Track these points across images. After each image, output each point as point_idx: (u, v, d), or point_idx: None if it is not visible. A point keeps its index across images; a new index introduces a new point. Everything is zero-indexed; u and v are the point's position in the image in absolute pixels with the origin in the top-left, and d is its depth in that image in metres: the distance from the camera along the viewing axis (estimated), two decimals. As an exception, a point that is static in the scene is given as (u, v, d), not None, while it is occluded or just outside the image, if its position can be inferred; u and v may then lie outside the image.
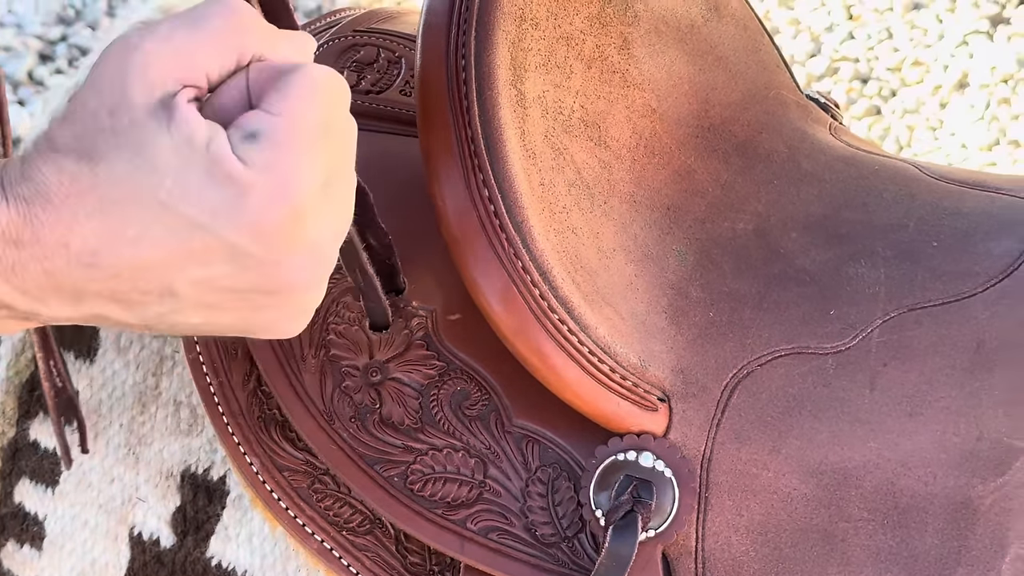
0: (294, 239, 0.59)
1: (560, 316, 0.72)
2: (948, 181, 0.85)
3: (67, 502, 0.85)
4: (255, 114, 0.58)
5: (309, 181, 0.58)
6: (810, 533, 0.72)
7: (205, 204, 0.58)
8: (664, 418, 0.74)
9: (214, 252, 0.58)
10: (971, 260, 0.78)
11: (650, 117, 0.82)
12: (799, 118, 0.90)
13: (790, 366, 0.75)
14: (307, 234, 0.60)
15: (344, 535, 0.77)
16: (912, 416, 0.73)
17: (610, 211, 0.77)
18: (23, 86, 2.40)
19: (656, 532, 0.72)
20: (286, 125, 0.58)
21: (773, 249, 0.80)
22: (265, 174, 0.57)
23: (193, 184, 0.57)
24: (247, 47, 0.60)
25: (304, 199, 0.58)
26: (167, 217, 0.57)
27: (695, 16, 0.87)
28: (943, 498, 0.71)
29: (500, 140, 0.72)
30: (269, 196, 0.58)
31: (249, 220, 0.58)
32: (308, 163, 0.58)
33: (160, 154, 0.57)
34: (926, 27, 2.61)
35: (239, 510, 0.81)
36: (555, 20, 0.77)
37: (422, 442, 0.76)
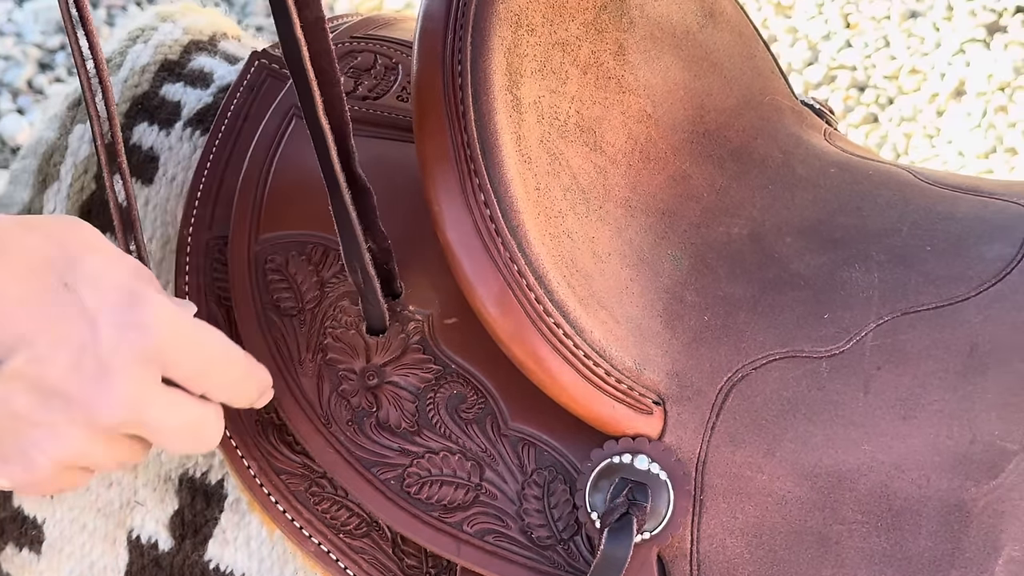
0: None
1: (556, 320, 0.72)
2: (941, 186, 0.85)
3: (66, 506, 0.85)
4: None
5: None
6: (804, 535, 0.73)
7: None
8: (659, 421, 0.74)
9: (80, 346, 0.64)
10: (964, 264, 0.78)
11: (645, 122, 0.82)
12: (794, 124, 0.91)
13: (784, 369, 0.75)
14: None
15: (341, 538, 0.77)
16: (906, 419, 0.73)
17: (606, 216, 0.78)
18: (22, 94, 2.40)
19: (651, 534, 0.73)
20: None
21: (768, 253, 0.80)
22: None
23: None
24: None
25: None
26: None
27: (690, 23, 0.88)
28: (936, 501, 0.72)
29: (496, 145, 0.73)
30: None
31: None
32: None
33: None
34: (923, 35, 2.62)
35: (237, 514, 0.82)
36: (551, 26, 0.78)
37: (419, 445, 0.76)
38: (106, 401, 0.65)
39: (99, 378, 0.65)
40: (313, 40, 0.71)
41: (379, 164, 0.81)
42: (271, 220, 0.82)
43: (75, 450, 0.66)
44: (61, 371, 0.64)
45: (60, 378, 0.64)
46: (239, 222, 0.82)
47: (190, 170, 0.86)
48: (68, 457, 0.67)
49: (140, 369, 0.66)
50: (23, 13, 2.53)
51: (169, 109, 0.89)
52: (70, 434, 0.66)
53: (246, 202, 0.83)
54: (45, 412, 0.65)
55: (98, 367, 0.65)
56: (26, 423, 0.65)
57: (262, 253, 0.81)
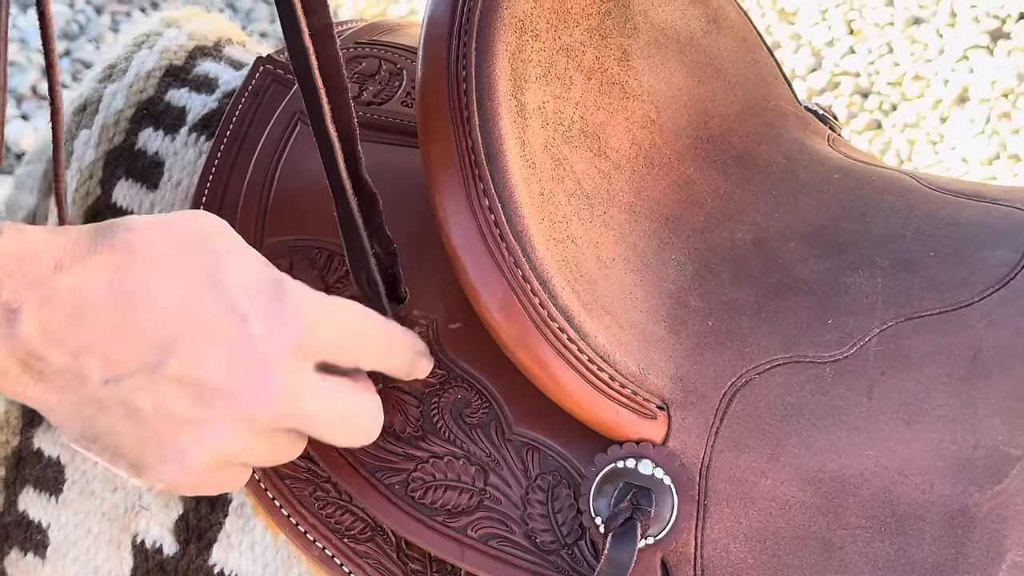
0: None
1: (560, 325, 0.72)
2: (945, 192, 0.85)
3: (70, 510, 0.85)
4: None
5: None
6: (808, 540, 0.73)
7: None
8: (663, 426, 0.74)
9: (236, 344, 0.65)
10: (968, 270, 0.78)
11: (649, 128, 0.82)
12: (797, 129, 0.91)
13: (788, 375, 0.75)
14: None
15: (345, 542, 0.77)
16: (909, 424, 0.73)
17: (610, 221, 0.78)
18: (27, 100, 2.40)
19: (655, 539, 0.73)
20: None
21: (771, 259, 0.80)
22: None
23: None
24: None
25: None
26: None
27: (694, 28, 0.88)
28: (940, 506, 0.72)
29: (500, 150, 0.73)
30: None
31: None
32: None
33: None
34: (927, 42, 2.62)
35: (241, 518, 0.82)
36: (555, 32, 0.78)
37: (423, 450, 0.76)
38: (265, 396, 0.66)
39: (255, 374, 0.66)
40: (321, 47, 0.72)
41: (384, 169, 0.81)
42: (276, 225, 0.82)
43: (233, 446, 0.67)
44: (217, 371, 0.65)
45: (217, 378, 0.65)
46: (244, 227, 0.82)
47: (195, 175, 0.86)
48: (226, 453, 0.67)
49: (293, 360, 0.67)
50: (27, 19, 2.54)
51: (174, 114, 0.90)
52: (228, 431, 0.67)
53: (251, 207, 0.83)
54: (201, 410, 0.66)
55: (253, 363, 0.66)
56: (182, 422, 0.66)
57: (267, 257, 0.81)
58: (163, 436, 0.66)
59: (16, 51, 2.47)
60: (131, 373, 0.64)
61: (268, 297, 0.67)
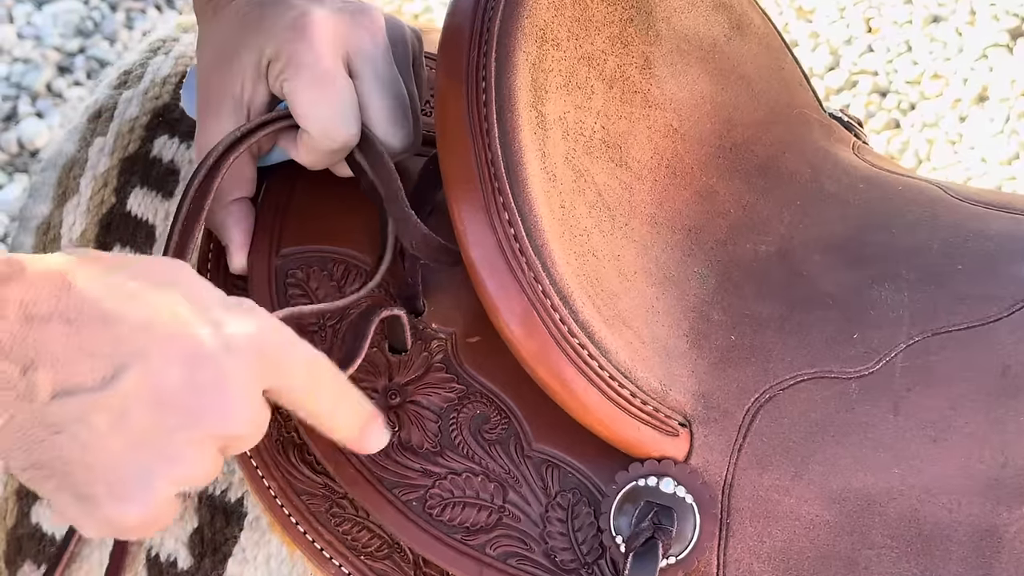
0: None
1: (580, 340, 0.71)
2: (972, 203, 0.84)
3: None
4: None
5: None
6: (833, 560, 0.71)
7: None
8: (685, 443, 0.73)
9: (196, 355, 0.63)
10: (996, 284, 0.77)
11: (672, 137, 0.81)
12: (822, 137, 0.89)
13: (813, 391, 0.74)
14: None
15: (362, 560, 0.76)
16: (936, 442, 0.72)
17: (631, 233, 0.76)
18: (41, 98, 2.40)
19: (677, 559, 0.72)
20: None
21: (795, 271, 0.79)
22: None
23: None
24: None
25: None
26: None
27: (717, 35, 0.86)
28: (967, 526, 0.71)
29: (520, 163, 0.72)
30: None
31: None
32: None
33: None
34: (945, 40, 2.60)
35: (257, 532, 0.81)
36: (576, 40, 0.77)
37: (441, 466, 0.75)
38: (225, 412, 0.63)
39: (216, 386, 0.63)
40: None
41: (402, 179, 0.80)
42: (293, 234, 0.81)
43: (194, 471, 0.64)
44: (177, 381, 0.62)
45: (177, 389, 0.62)
46: (260, 236, 0.81)
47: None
48: (186, 480, 0.64)
49: (252, 374, 0.64)
50: (42, 16, 2.53)
51: (190, 121, 0.89)
52: (189, 453, 0.63)
53: (268, 216, 0.82)
54: (165, 429, 0.62)
55: (214, 375, 0.63)
56: (140, 443, 0.62)
57: (283, 267, 0.80)
58: (119, 463, 0.62)
59: (31, 48, 2.46)
60: (83, 387, 0.60)
61: (230, 313, 0.65)
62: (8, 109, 2.37)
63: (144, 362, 0.61)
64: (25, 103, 2.38)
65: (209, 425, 0.63)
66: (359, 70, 0.78)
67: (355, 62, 0.78)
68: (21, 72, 2.43)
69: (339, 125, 0.77)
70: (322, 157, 0.79)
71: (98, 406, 0.61)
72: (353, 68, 0.78)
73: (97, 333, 0.61)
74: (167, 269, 0.65)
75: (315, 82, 0.76)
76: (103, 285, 0.62)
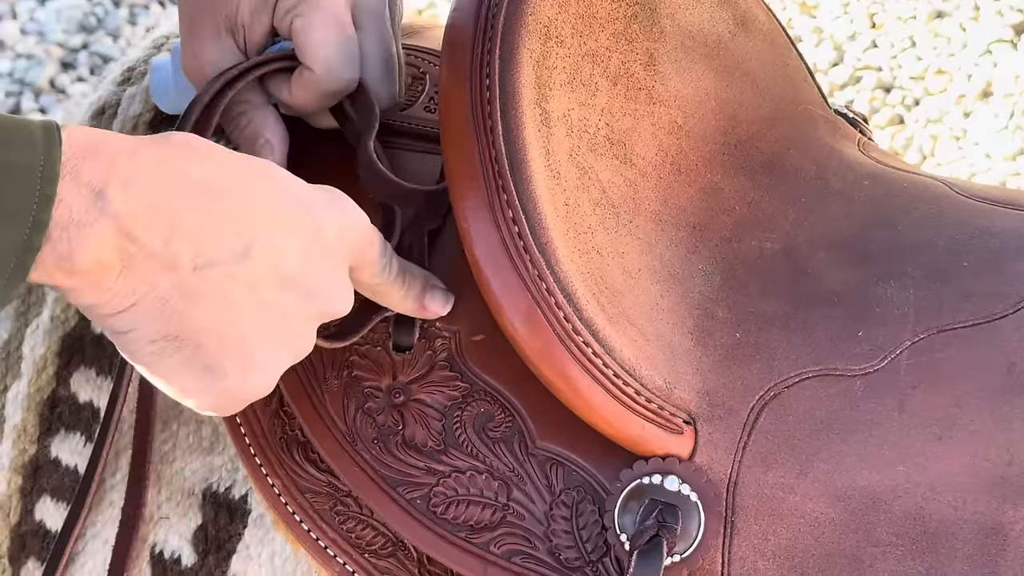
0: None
1: (584, 338, 0.71)
2: (978, 199, 0.84)
3: (88, 520, 0.84)
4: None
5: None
6: (837, 558, 0.71)
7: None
8: (690, 441, 0.73)
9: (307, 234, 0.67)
10: (1001, 281, 0.77)
11: (676, 134, 0.81)
12: (827, 134, 0.89)
13: (817, 388, 0.74)
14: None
15: (366, 557, 0.76)
16: (941, 440, 0.72)
17: (635, 230, 0.76)
18: (44, 94, 2.40)
19: (681, 557, 0.71)
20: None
21: (800, 269, 0.79)
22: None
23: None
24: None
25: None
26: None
27: (722, 31, 0.86)
28: (973, 523, 0.70)
29: (524, 160, 0.71)
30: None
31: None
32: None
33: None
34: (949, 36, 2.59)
35: (261, 529, 0.81)
36: (580, 37, 0.77)
37: (445, 464, 0.75)
38: (332, 292, 0.68)
39: (325, 267, 0.68)
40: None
41: (406, 176, 0.80)
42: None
43: (304, 344, 0.69)
44: (296, 261, 0.66)
45: (296, 268, 0.66)
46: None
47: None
48: (299, 353, 0.69)
49: (344, 259, 0.69)
50: (45, 12, 2.53)
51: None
52: (302, 328, 0.68)
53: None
54: (287, 305, 0.66)
55: (323, 257, 0.67)
56: (271, 319, 0.66)
57: None
58: (250, 334, 0.65)
59: (34, 44, 2.46)
60: (222, 259, 0.63)
61: (325, 194, 0.69)
62: (11, 105, 2.37)
63: (270, 243, 0.65)
64: (28, 99, 2.38)
65: (319, 303, 0.68)
66: (363, 23, 0.81)
67: (360, 15, 0.81)
68: (24, 68, 2.43)
69: (344, 67, 0.79)
70: (317, 99, 0.81)
71: (235, 278, 0.64)
72: (358, 20, 0.81)
73: (228, 211, 0.64)
74: (265, 165, 0.68)
75: (328, 23, 0.78)
76: (220, 164, 0.65)
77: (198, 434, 0.83)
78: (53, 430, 0.87)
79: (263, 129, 0.81)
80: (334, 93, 0.80)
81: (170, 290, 0.63)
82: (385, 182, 0.78)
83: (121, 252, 0.61)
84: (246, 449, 0.78)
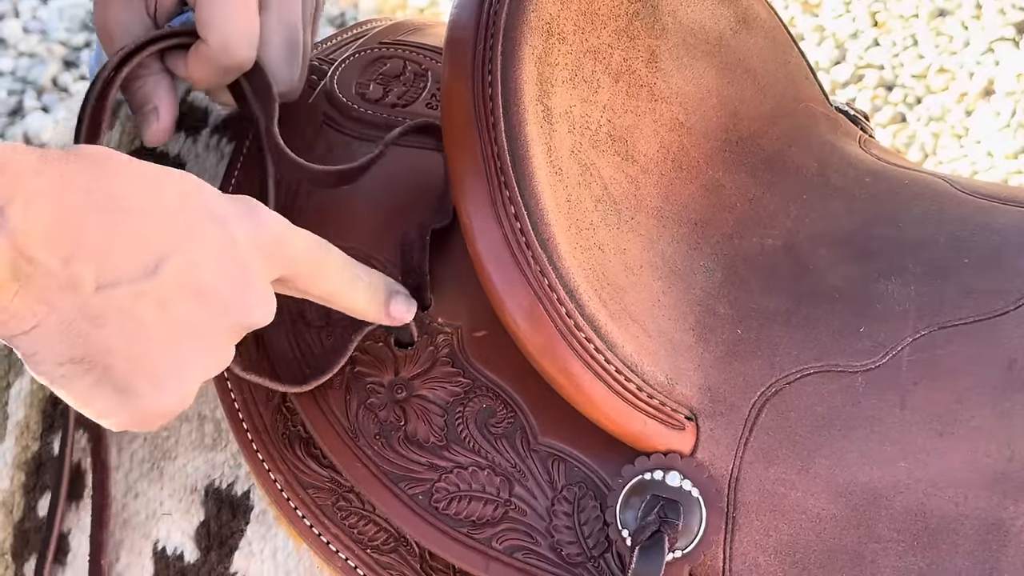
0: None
1: (587, 334, 0.71)
2: (979, 196, 0.84)
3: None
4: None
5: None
6: (839, 554, 0.71)
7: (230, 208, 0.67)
8: (691, 437, 0.73)
9: (220, 247, 0.65)
10: (1002, 278, 0.77)
11: (678, 131, 0.81)
12: (828, 131, 0.89)
13: (819, 384, 0.74)
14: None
15: (368, 553, 0.76)
16: (943, 436, 0.72)
17: (637, 227, 0.76)
18: (47, 92, 2.40)
19: (683, 553, 0.72)
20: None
21: (802, 265, 0.79)
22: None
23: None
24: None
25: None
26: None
27: (723, 29, 0.86)
28: (974, 519, 0.71)
29: (526, 156, 0.72)
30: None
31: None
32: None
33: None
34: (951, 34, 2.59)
35: (263, 525, 0.81)
36: (582, 34, 0.77)
37: (447, 460, 0.75)
38: (250, 302, 0.66)
39: (241, 278, 0.65)
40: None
41: (408, 173, 0.80)
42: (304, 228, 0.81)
43: (221, 359, 0.67)
44: (211, 274, 0.64)
45: (209, 281, 0.64)
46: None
47: (217, 179, 0.85)
48: (215, 368, 0.67)
49: (264, 265, 0.67)
50: (48, 10, 2.54)
51: (197, 115, 0.89)
52: (226, 344, 0.66)
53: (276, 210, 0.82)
54: (201, 320, 0.64)
55: (239, 269, 0.65)
56: (184, 335, 0.64)
57: None
58: (162, 353, 0.63)
59: (36, 43, 2.46)
60: (128, 278, 0.61)
61: (238, 204, 0.67)
62: (14, 103, 2.37)
63: (182, 255, 0.63)
64: (31, 98, 2.39)
65: (235, 315, 0.66)
66: (268, 3, 0.80)
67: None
68: (27, 67, 2.43)
69: (242, 44, 0.78)
70: (212, 74, 0.80)
71: (143, 296, 0.62)
72: (263, 1, 0.80)
73: (136, 227, 0.62)
74: (177, 176, 0.66)
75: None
76: (129, 179, 0.63)
77: (200, 430, 0.83)
78: (56, 427, 0.87)
79: (152, 95, 0.81)
80: (229, 69, 0.80)
81: (72, 312, 0.61)
82: (293, 165, 0.78)
83: (16, 271, 0.59)
84: (248, 445, 0.78)
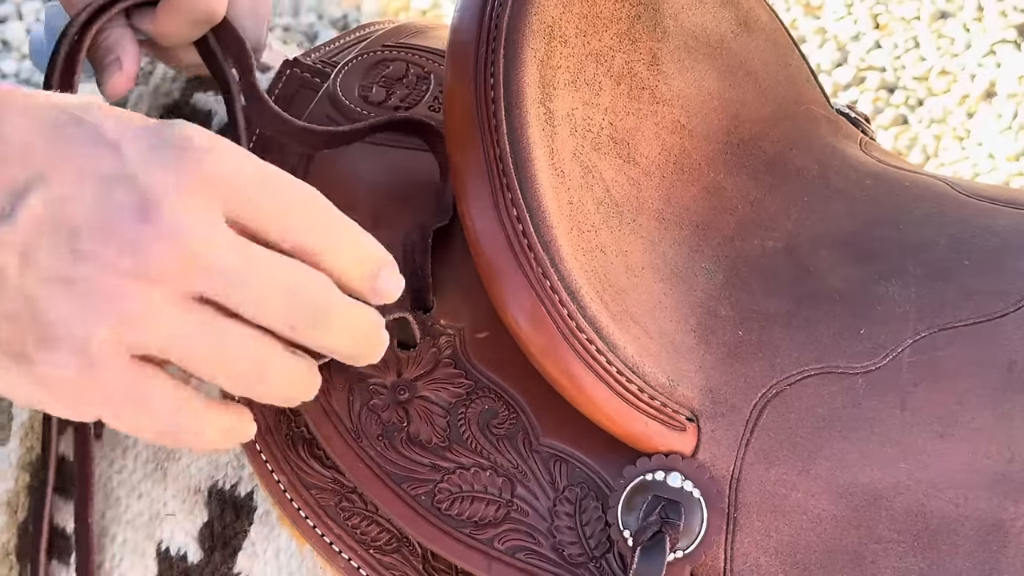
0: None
1: (588, 336, 0.71)
2: (979, 198, 0.84)
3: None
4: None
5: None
6: (839, 555, 0.72)
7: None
8: (692, 438, 0.74)
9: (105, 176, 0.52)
10: (1003, 279, 0.77)
11: (679, 133, 0.81)
12: (829, 133, 0.90)
13: (820, 386, 0.75)
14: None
15: (371, 553, 0.77)
16: (943, 437, 0.72)
17: (639, 229, 0.77)
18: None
19: (684, 553, 0.72)
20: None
21: (803, 267, 0.80)
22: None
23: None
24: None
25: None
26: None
27: (725, 31, 0.87)
28: (974, 520, 0.71)
29: (529, 159, 0.72)
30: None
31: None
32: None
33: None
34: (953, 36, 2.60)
35: (266, 526, 0.81)
36: (584, 37, 0.77)
37: (449, 460, 0.75)
38: (148, 234, 0.51)
39: (140, 209, 0.52)
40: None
41: (410, 175, 0.80)
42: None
43: (134, 313, 0.51)
44: (88, 208, 0.51)
45: (89, 216, 0.51)
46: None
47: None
48: (128, 330, 0.52)
49: (191, 199, 0.53)
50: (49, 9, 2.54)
51: (200, 118, 0.89)
52: (120, 292, 0.52)
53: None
54: (76, 262, 0.51)
55: (136, 198, 0.52)
56: (56, 281, 0.51)
57: None
58: (43, 307, 0.51)
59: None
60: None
61: (150, 129, 0.54)
62: (17, 105, 2.37)
63: (46, 187, 0.52)
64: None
65: (136, 256, 0.52)
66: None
67: None
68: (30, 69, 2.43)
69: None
70: (181, 27, 0.79)
71: (4, 245, 0.51)
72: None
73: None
74: (74, 99, 0.55)
75: None
76: (6, 109, 0.52)
77: (204, 431, 0.83)
78: (60, 429, 0.87)
79: (115, 46, 0.78)
80: (198, 22, 0.79)
81: None
82: (276, 119, 0.79)
83: None
84: (251, 446, 0.78)
